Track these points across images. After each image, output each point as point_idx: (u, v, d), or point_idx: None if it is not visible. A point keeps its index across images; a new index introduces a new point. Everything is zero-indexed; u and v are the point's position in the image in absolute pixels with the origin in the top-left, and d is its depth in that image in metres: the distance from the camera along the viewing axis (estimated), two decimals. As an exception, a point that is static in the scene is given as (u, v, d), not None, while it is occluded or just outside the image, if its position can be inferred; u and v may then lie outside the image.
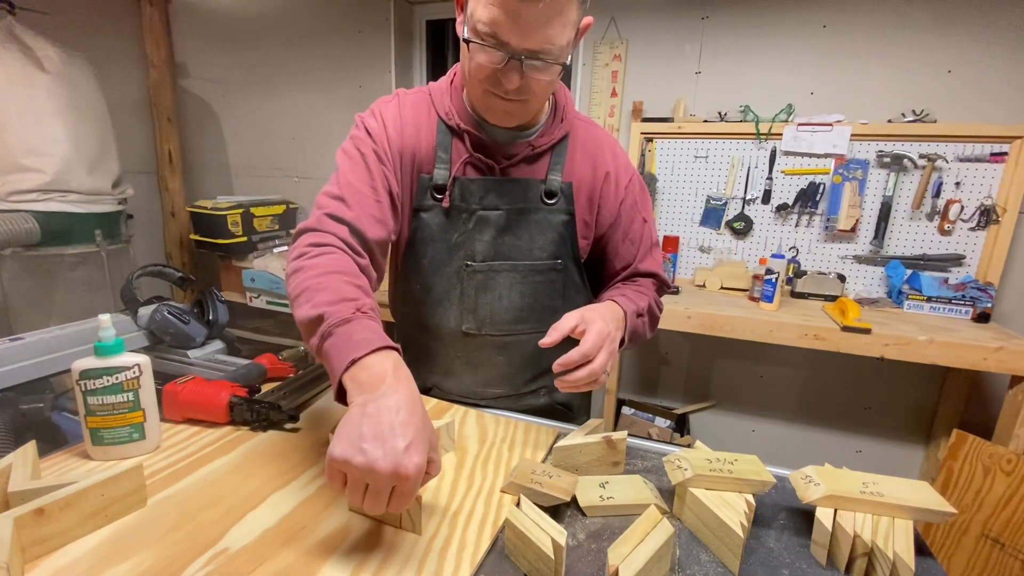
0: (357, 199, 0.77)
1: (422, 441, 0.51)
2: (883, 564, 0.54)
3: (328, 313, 0.61)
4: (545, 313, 0.91)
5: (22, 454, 0.62)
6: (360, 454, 0.49)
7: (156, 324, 1.01)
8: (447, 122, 0.84)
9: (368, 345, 0.57)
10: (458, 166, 0.84)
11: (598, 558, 0.57)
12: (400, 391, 0.54)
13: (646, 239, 0.92)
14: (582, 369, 0.68)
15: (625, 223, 0.91)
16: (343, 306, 0.62)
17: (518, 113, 0.78)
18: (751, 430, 2.38)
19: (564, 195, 0.87)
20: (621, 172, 0.90)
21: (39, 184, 1.99)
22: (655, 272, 0.93)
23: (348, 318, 0.61)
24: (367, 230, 0.76)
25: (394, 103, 0.86)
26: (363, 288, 0.67)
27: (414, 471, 0.49)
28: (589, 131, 0.90)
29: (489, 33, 0.67)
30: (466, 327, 0.91)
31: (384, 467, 0.48)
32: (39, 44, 2.00)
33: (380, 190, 0.79)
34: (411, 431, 0.51)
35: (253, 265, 2.57)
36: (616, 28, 2.21)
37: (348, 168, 0.80)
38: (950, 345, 1.59)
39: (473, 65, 0.72)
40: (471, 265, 0.87)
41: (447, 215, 0.86)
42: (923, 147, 1.89)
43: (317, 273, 0.67)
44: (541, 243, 0.88)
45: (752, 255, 2.19)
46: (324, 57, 2.67)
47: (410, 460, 0.49)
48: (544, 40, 0.67)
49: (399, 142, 0.83)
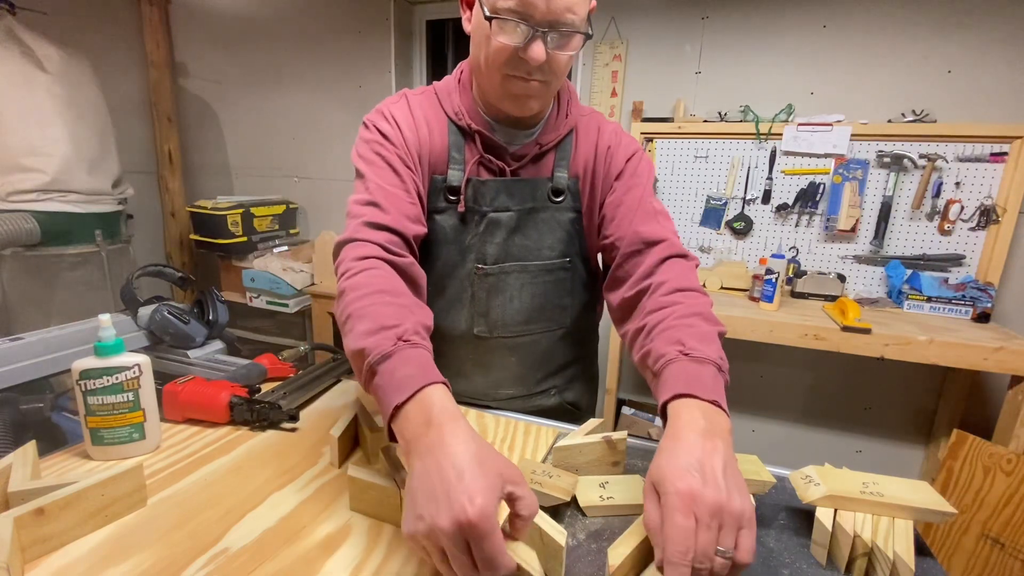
0: (391, 201, 0.74)
1: (482, 482, 0.44)
2: (883, 564, 0.54)
3: (368, 348, 0.57)
4: (555, 312, 0.91)
5: (22, 454, 0.62)
6: (420, 521, 0.44)
7: (156, 324, 1.01)
8: (456, 122, 0.83)
9: (410, 386, 0.52)
10: (471, 167, 0.83)
11: (598, 558, 0.57)
12: (446, 438, 0.48)
13: (646, 205, 0.81)
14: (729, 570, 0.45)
15: (621, 191, 0.83)
16: (383, 336, 0.57)
17: (540, 96, 0.76)
18: (751, 430, 2.38)
19: (571, 192, 0.86)
20: (621, 148, 0.86)
21: (39, 184, 1.99)
22: (663, 237, 0.77)
23: (389, 352, 0.56)
24: (407, 230, 0.74)
25: (403, 102, 0.83)
26: (407, 307, 0.63)
27: (477, 515, 0.42)
28: (592, 119, 0.89)
29: (512, 8, 0.66)
30: (477, 330, 0.90)
31: (445, 525, 0.43)
32: (39, 44, 2.00)
33: (412, 192, 0.78)
34: (467, 476, 0.44)
35: (253, 265, 2.57)
36: (616, 28, 2.21)
37: (374, 173, 0.77)
38: (950, 345, 1.59)
39: (493, 49, 0.71)
40: (482, 268, 0.86)
41: (461, 218, 0.85)
42: (923, 147, 1.89)
43: (359, 295, 0.63)
44: (550, 242, 0.87)
45: (752, 255, 2.19)
46: (324, 57, 2.67)
47: (470, 504, 0.42)
48: (567, 9, 0.66)
49: (415, 142, 0.81)
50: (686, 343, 0.62)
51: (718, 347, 0.63)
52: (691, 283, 0.73)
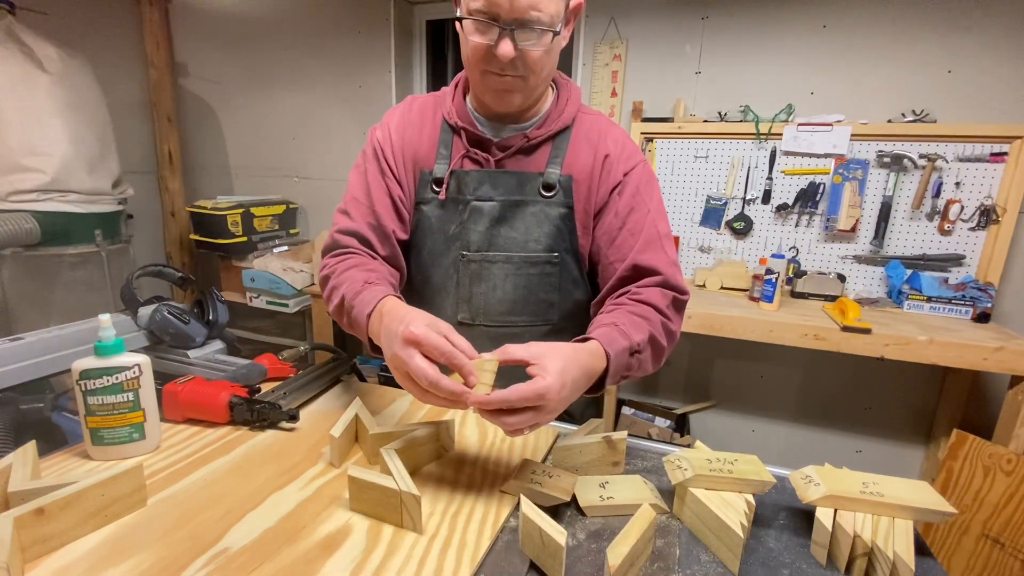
0: (359, 211, 0.88)
1: (416, 318, 0.63)
2: (883, 564, 0.54)
3: (347, 294, 0.77)
4: (540, 306, 0.92)
5: (22, 454, 0.62)
6: (386, 357, 0.64)
7: (156, 324, 1.01)
8: (448, 121, 0.89)
9: (372, 301, 0.73)
10: (456, 160, 0.88)
11: (598, 558, 0.57)
12: (396, 315, 0.66)
13: (648, 230, 0.83)
14: (494, 413, 0.60)
15: (623, 210, 0.85)
16: (356, 286, 0.77)
17: (518, 90, 0.80)
18: (751, 430, 2.38)
19: (562, 187, 0.87)
20: (623, 158, 0.87)
21: (39, 184, 1.99)
22: (657, 268, 0.81)
23: (360, 290, 0.76)
24: (370, 235, 0.87)
25: (402, 107, 0.94)
26: (376, 271, 0.81)
27: (414, 334, 0.59)
28: (596, 122, 0.89)
29: (480, 8, 0.71)
30: (461, 317, 0.92)
31: (397, 350, 0.60)
32: (39, 44, 2.00)
33: (385, 198, 0.88)
34: (406, 318, 0.63)
35: (253, 265, 2.57)
36: (616, 28, 2.22)
37: (355, 183, 0.91)
38: (950, 345, 1.59)
39: (470, 48, 0.77)
40: (466, 255, 0.89)
41: (443, 206, 0.89)
42: (923, 147, 1.89)
43: (338, 273, 0.83)
44: (537, 235, 0.88)
45: (752, 255, 2.19)
46: (324, 57, 2.67)
47: (407, 329, 0.60)
48: (531, 7, 0.70)
49: (400, 143, 0.90)
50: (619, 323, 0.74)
51: (644, 338, 0.74)
52: (661, 305, 0.79)
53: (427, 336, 0.59)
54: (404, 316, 0.64)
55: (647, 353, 0.76)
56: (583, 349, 0.66)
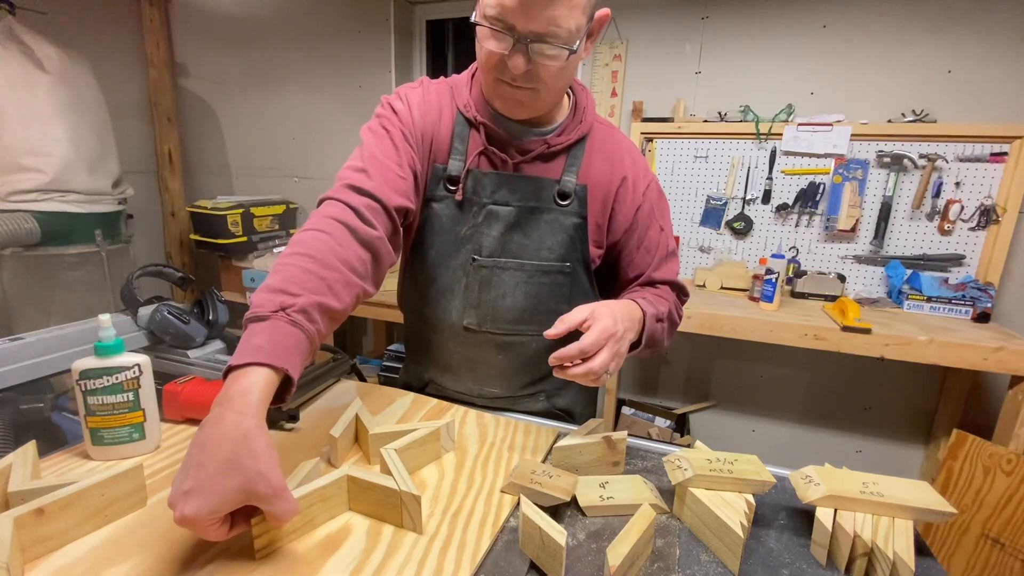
0: (380, 171, 0.76)
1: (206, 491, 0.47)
2: (883, 564, 0.54)
3: (255, 303, 0.59)
4: (549, 316, 0.90)
5: (22, 454, 0.62)
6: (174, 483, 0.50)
7: (156, 324, 1.01)
8: (465, 113, 0.84)
9: (249, 356, 0.54)
10: (472, 158, 0.83)
11: (598, 558, 0.57)
12: (226, 423, 0.50)
13: (662, 247, 0.89)
14: (579, 366, 0.66)
15: (641, 230, 0.88)
16: (273, 298, 0.59)
17: (528, 102, 0.77)
18: (751, 430, 2.38)
19: (578, 197, 0.86)
20: (639, 178, 0.88)
21: (39, 184, 1.98)
22: (671, 280, 0.90)
23: (264, 316, 0.58)
24: (388, 200, 0.74)
25: (419, 88, 0.86)
26: (324, 280, 0.63)
27: (181, 519, 0.47)
28: (609, 134, 0.89)
29: (496, 16, 0.68)
30: (467, 322, 0.90)
31: (170, 502, 0.49)
32: (39, 44, 2.00)
33: (405, 166, 0.79)
34: (202, 475, 0.48)
35: (253, 265, 2.57)
36: (616, 28, 2.22)
37: (373, 142, 0.79)
38: (950, 345, 1.59)
39: (483, 53, 0.73)
40: (477, 259, 0.86)
41: (459, 207, 0.85)
42: (923, 147, 1.89)
43: (292, 252, 0.65)
44: (550, 244, 0.87)
45: (752, 255, 2.19)
46: (324, 57, 2.67)
47: (184, 506, 0.47)
48: (549, 22, 0.66)
49: (422, 124, 0.83)
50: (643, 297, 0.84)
51: (665, 310, 0.84)
52: (672, 293, 0.91)
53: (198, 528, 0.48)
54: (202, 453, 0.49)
55: (666, 324, 0.85)
56: (621, 302, 0.76)
